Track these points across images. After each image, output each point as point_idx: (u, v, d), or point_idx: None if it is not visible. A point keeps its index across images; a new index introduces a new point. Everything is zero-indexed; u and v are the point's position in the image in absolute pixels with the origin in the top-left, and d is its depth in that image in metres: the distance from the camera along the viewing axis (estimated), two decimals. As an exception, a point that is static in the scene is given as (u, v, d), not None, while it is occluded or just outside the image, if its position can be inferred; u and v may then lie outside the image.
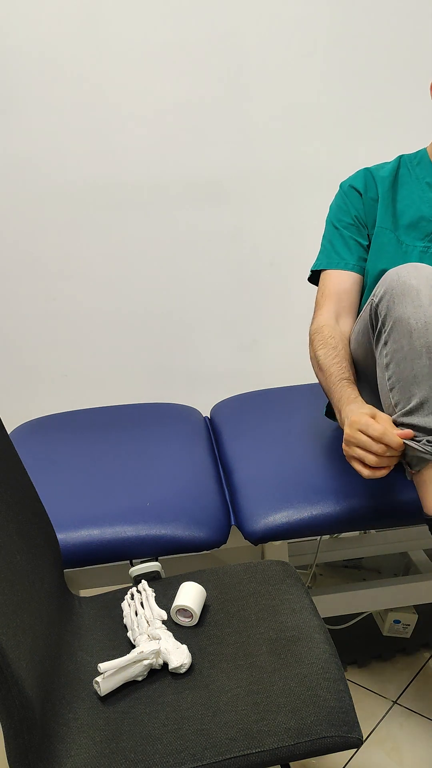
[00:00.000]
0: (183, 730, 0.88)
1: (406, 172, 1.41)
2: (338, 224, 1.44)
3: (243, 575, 1.17)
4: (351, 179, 1.45)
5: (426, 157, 1.40)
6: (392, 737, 1.40)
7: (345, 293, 1.40)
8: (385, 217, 1.39)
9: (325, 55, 1.88)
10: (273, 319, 2.13)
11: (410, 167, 1.41)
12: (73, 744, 0.88)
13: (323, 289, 1.42)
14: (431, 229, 1.35)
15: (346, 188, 1.44)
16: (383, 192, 1.40)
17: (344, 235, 1.43)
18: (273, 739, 0.86)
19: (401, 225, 1.37)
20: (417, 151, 1.43)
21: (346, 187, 1.44)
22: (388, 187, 1.40)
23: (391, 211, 1.39)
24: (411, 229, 1.37)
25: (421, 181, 1.39)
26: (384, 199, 1.39)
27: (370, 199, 1.41)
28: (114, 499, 1.33)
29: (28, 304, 2.06)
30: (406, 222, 1.37)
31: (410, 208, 1.38)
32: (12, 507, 1.00)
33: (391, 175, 1.41)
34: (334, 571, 1.75)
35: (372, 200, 1.41)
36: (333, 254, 1.43)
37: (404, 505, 1.28)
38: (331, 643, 1.02)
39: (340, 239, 1.43)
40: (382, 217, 1.39)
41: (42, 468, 1.46)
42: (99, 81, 1.85)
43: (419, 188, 1.38)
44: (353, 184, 1.43)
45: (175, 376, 2.19)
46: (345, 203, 1.44)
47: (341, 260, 1.42)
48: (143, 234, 2.01)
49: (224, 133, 1.93)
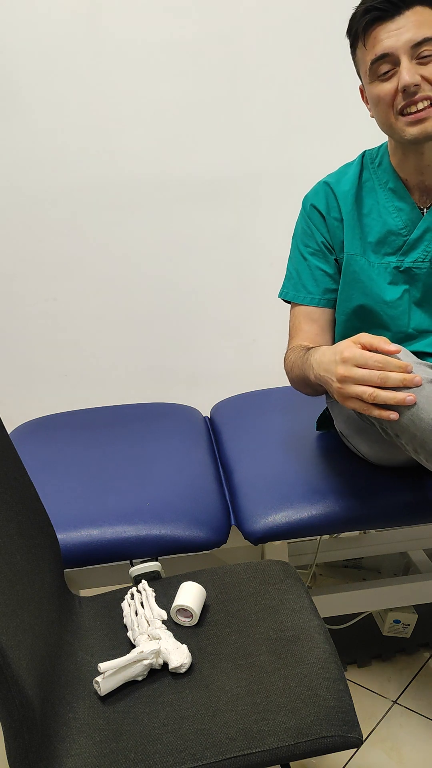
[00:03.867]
0: (183, 729, 0.88)
1: (369, 177, 1.29)
2: (304, 251, 1.35)
3: (243, 575, 1.17)
4: (311, 196, 1.34)
5: (387, 157, 1.27)
6: (392, 737, 1.40)
7: (315, 334, 1.34)
8: (353, 241, 1.29)
9: (325, 56, 1.88)
10: (273, 319, 2.12)
11: (373, 170, 1.29)
12: (73, 744, 0.88)
13: (294, 323, 1.37)
14: (401, 243, 1.25)
15: (308, 208, 1.34)
16: (347, 211, 1.29)
17: (311, 265, 1.34)
18: (273, 738, 0.86)
19: (369, 243, 1.27)
20: (380, 146, 1.30)
21: (308, 207, 1.34)
22: (351, 203, 1.28)
23: (358, 234, 1.28)
24: (380, 245, 1.27)
25: (384, 187, 1.27)
26: (349, 220, 1.28)
27: (333, 219, 1.31)
28: (114, 499, 1.33)
29: (28, 304, 2.06)
30: (374, 239, 1.27)
31: (377, 222, 1.27)
32: (12, 507, 1.00)
33: (354, 186, 1.29)
34: (334, 571, 1.75)
35: (336, 221, 1.30)
36: (300, 287, 1.35)
37: (404, 505, 1.28)
38: (331, 643, 1.02)
39: (306, 270, 1.34)
40: (350, 242, 1.29)
41: (42, 468, 1.46)
42: (99, 81, 1.85)
43: (384, 195, 1.27)
44: (315, 204, 1.32)
45: (175, 376, 2.19)
46: (309, 226, 1.34)
47: (308, 294, 1.34)
48: (143, 234, 2.01)
49: (224, 134, 1.93)
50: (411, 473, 1.33)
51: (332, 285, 1.33)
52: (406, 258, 1.26)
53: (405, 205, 1.26)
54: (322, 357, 1.11)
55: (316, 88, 1.91)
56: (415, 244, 1.25)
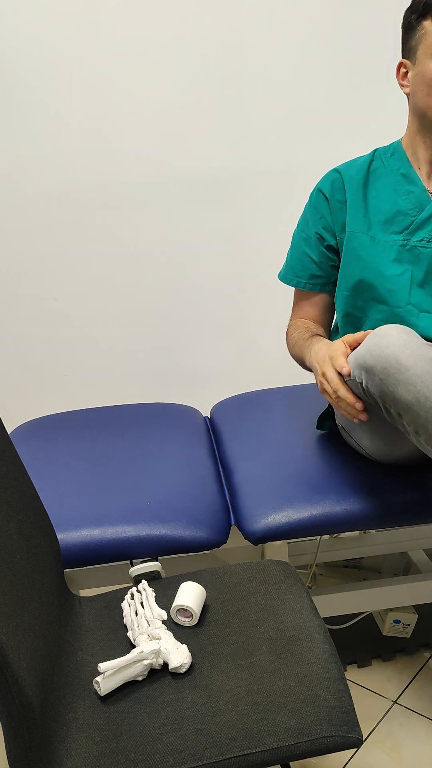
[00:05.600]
0: (183, 729, 0.88)
1: (380, 165, 1.36)
2: (298, 236, 1.45)
3: (243, 575, 1.17)
4: (320, 182, 1.42)
5: (400, 148, 1.35)
6: (392, 737, 1.40)
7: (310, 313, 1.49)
8: (356, 219, 1.35)
9: (325, 56, 1.89)
10: (273, 319, 2.12)
11: (384, 159, 1.37)
12: (73, 744, 0.88)
13: (294, 300, 1.52)
14: (408, 222, 1.32)
15: (315, 194, 1.42)
16: (352, 193, 1.36)
17: (300, 250, 1.44)
18: (273, 738, 0.86)
19: (376, 222, 1.34)
20: (392, 143, 1.39)
21: (315, 193, 1.42)
22: (357, 186, 1.36)
23: (362, 212, 1.35)
24: (388, 224, 1.33)
25: (395, 173, 1.34)
26: (353, 200, 1.36)
27: (337, 201, 1.38)
28: (114, 499, 1.33)
29: (28, 304, 2.06)
30: (382, 218, 1.33)
31: (385, 202, 1.34)
32: (12, 507, 1.00)
33: (362, 171, 1.37)
34: (334, 571, 1.75)
35: (339, 203, 1.38)
36: (290, 270, 1.47)
37: (404, 505, 1.28)
38: (331, 643, 1.02)
39: (296, 254, 1.45)
40: (353, 220, 1.36)
41: (42, 468, 1.46)
42: (100, 81, 1.85)
43: (394, 180, 1.34)
44: (321, 188, 1.40)
45: (175, 376, 2.19)
46: (312, 211, 1.42)
47: (295, 277, 1.47)
48: (143, 234, 2.01)
49: (224, 133, 1.93)
50: (411, 473, 1.33)
51: (317, 272, 1.44)
52: (413, 237, 1.31)
53: (415, 188, 1.32)
54: (318, 350, 1.28)
55: (316, 88, 1.91)
56: (423, 224, 1.31)
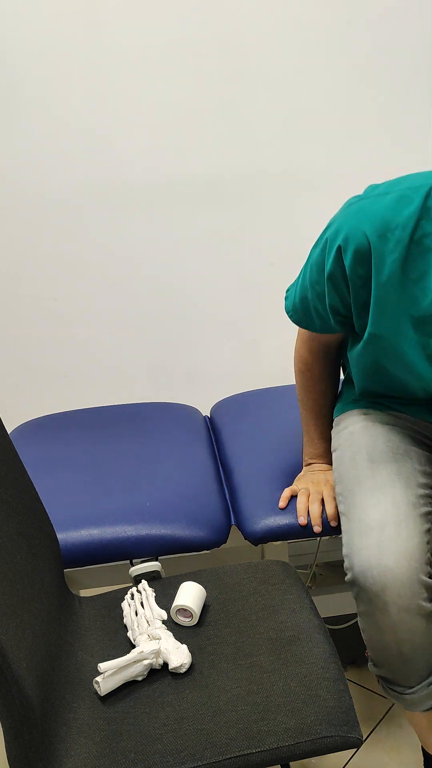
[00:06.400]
0: (183, 729, 0.88)
1: (430, 230, 0.97)
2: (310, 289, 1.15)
3: (243, 575, 1.17)
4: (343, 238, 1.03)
5: None
6: (392, 737, 1.40)
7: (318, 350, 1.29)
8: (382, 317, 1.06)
9: (326, 57, 1.88)
10: (273, 319, 2.13)
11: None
12: (73, 744, 0.88)
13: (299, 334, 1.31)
14: None
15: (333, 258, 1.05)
16: (383, 277, 1.02)
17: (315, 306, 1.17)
18: (273, 738, 0.87)
19: (409, 316, 1.03)
20: None
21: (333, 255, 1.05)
22: (393, 269, 1.01)
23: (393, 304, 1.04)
24: (422, 324, 1.02)
25: None
26: (383, 289, 1.03)
27: (358, 278, 1.04)
28: (114, 499, 1.33)
29: (28, 304, 2.06)
30: (417, 313, 1.01)
31: (426, 294, 0.99)
32: (12, 507, 1.01)
33: (403, 242, 0.98)
34: (334, 571, 1.75)
35: (361, 279, 1.05)
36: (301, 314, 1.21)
37: (404, 505, 1.28)
38: (331, 643, 1.02)
39: (310, 305, 1.18)
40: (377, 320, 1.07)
41: (42, 468, 1.46)
42: (101, 82, 1.85)
43: None
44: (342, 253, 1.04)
45: (175, 376, 2.19)
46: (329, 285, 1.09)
47: (311, 324, 1.21)
48: (143, 234, 2.01)
49: (225, 134, 1.93)
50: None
51: (332, 324, 1.17)
52: None
53: None
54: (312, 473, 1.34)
55: (316, 89, 1.91)
56: None
